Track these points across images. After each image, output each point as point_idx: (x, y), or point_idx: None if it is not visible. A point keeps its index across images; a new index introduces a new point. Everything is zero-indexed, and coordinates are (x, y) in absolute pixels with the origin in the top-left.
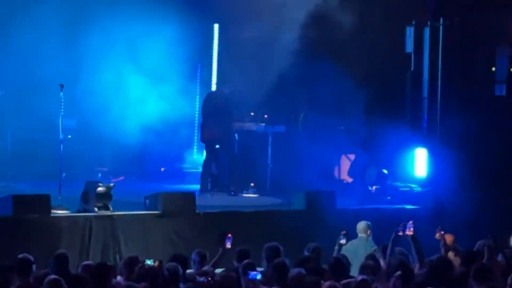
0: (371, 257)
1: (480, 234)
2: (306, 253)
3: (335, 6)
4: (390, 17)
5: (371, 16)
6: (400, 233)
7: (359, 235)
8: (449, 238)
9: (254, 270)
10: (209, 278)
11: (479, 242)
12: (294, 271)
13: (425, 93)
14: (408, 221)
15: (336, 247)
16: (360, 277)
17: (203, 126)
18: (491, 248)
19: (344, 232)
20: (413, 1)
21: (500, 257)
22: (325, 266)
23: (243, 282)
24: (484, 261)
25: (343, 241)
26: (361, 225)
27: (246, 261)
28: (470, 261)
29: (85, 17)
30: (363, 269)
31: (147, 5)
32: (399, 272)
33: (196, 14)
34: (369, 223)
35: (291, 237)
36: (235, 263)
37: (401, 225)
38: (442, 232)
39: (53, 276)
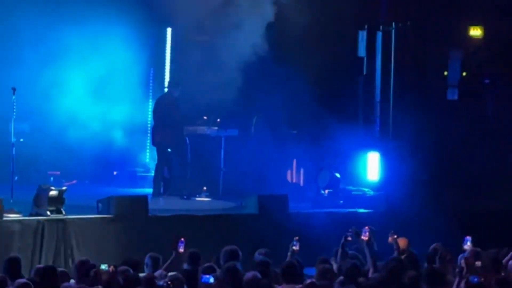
0: (325, 260)
1: (433, 237)
2: (259, 257)
3: (288, 10)
4: (343, 21)
5: (324, 20)
6: (349, 238)
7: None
8: (402, 241)
9: (209, 274)
10: (169, 282)
11: (432, 246)
12: (248, 274)
13: (378, 97)
14: (359, 226)
15: (289, 253)
16: (308, 281)
17: (154, 130)
18: (443, 252)
19: (297, 238)
20: (366, 5)
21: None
22: (277, 270)
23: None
24: (436, 265)
25: (296, 247)
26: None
27: (206, 264)
28: (420, 264)
29: (36, 20)
30: (318, 273)
31: (100, 7)
32: (352, 275)
33: (149, 18)
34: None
35: (244, 240)
36: (185, 266)
37: (350, 229)
38: (395, 236)
39: (23, 280)
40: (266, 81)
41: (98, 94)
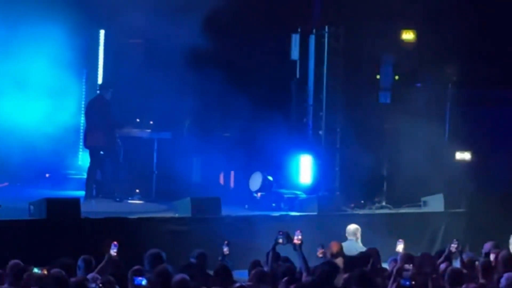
0: (257, 263)
1: (367, 239)
2: (192, 259)
3: (223, 13)
4: (276, 24)
5: (257, 23)
6: (281, 241)
7: (348, 238)
8: (335, 245)
9: (140, 275)
10: (100, 285)
11: (365, 249)
12: (177, 276)
13: (311, 100)
14: (291, 229)
15: (220, 256)
16: (237, 285)
17: (86, 132)
18: (375, 255)
19: (226, 241)
20: (299, 9)
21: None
22: (211, 272)
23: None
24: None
25: (226, 250)
26: (351, 228)
27: (135, 267)
28: (352, 267)
29: None
30: (254, 275)
31: (31, 8)
32: (286, 278)
33: (82, 20)
34: (358, 226)
35: (177, 243)
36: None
37: (282, 233)
38: (322, 251)
39: None
40: (199, 84)
41: (29, 96)
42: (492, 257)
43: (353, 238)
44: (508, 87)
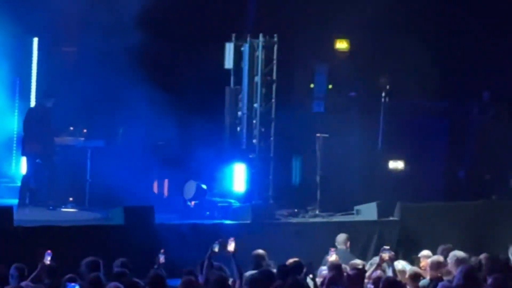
0: (191, 272)
1: (298, 248)
2: (115, 269)
3: (157, 21)
4: (211, 32)
5: (192, 31)
6: (216, 249)
7: (339, 247)
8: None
9: (74, 282)
10: None
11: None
12: (110, 285)
13: (244, 109)
14: (225, 238)
15: (156, 265)
16: None
17: (24, 141)
18: (308, 263)
19: (162, 250)
20: (233, 17)
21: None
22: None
23: None
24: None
25: (162, 259)
26: (341, 237)
27: (68, 275)
28: (286, 276)
29: None
30: (182, 284)
31: None
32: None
33: (14, 28)
34: (347, 235)
35: (110, 252)
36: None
37: (217, 241)
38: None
39: None
40: (133, 92)
41: None
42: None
43: (343, 246)
44: (441, 97)
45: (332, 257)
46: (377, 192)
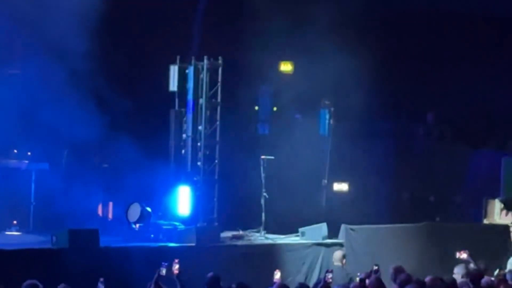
0: None
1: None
2: None
3: (102, 44)
4: (155, 55)
5: (136, 54)
6: (163, 273)
7: (335, 264)
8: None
9: None
10: None
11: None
12: None
13: (189, 132)
14: (171, 260)
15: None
16: None
17: None
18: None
19: (102, 279)
20: (178, 39)
21: None
22: None
23: None
24: None
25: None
26: (337, 254)
27: None
28: None
29: None
30: None
31: None
32: None
33: None
34: (344, 253)
35: (54, 276)
36: None
37: (164, 264)
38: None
39: None
40: (77, 115)
41: None
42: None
43: (340, 264)
44: (385, 119)
45: (277, 275)
46: (321, 214)
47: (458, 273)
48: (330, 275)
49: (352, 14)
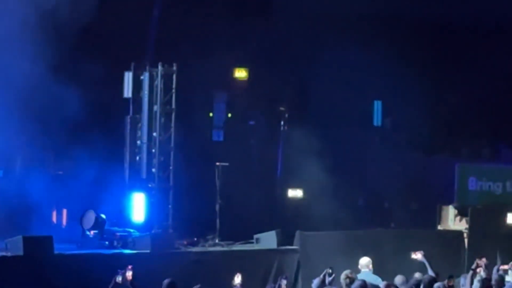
0: None
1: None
2: None
3: (57, 49)
4: (109, 61)
5: (90, 60)
6: (119, 280)
7: (362, 270)
8: None
9: None
10: None
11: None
12: None
13: (144, 138)
14: (124, 267)
15: None
16: None
17: None
18: None
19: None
20: (132, 46)
21: None
22: None
23: None
24: None
25: None
26: (364, 260)
27: None
28: None
29: None
30: None
31: None
32: None
33: None
34: (370, 259)
35: (9, 283)
36: None
37: (120, 272)
38: None
39: None
40: (31, 121)
41: None
42: None
43: (367, 269)
44: (341, 125)
45: (237, 279)
46: (276, 221)
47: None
48: (284, 282)
49: (310, 19)
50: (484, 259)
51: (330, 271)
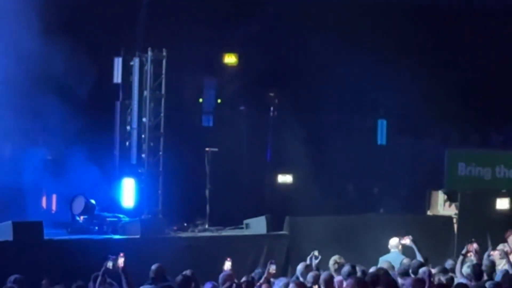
0: (81, 287)
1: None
2: (9, 284)
3: (45, 33)
4: (99, 46)
5: (80, 46)
6: (109, 265)
7: (392, 250)
8: None
9: None
10: None
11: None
12: None
13: (134, 123)
14: (115, 253)
15: None
16: None
17: None
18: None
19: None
20: (121, 31)
21: None
22: None
23: None
24: None
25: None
26: (394, 241)
27: None
28: None
29: None
30: None
31: None
32: None
33: None
34: (398, 239)
35: None
36: None
37: (111, 257)
38: None
39: None
40: (21, 105)
41: None
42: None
43: (396, 250)
44: (330, 111)
45: (227, 264)
46: (266, 206)
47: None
48: (273, 267)
49: (300, 4)
50: (475, 245)
51: (316, 253)
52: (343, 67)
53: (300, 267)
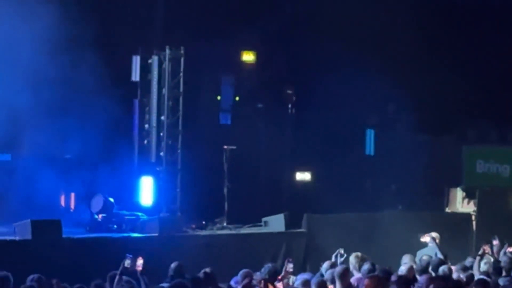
0: (100, 285)
1: (209, 261)
2: (28, 283)
3: (62, 33)
4: (117, 45)
5: (98, 44)
6: (128, 265)
7: (430, 244)
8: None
9: None
10: None
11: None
12: None
13: (153, 122)
14: (133, 251)
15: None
16: None
17: None
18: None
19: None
20: (139, 29)
21: None
22: None
23: None
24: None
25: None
26: (432, 234)
27: None
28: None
29: None
30: None
31: None
32: None
33: None
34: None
35: (18, 267)
36: None
37: (129, 256)
38: None
39: None
40: (38, 105)
41: None
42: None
43: (433, 243)
44: (349, 108)
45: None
46: (284, 204)
47: (405, 263)
48: (290, 265)
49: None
50: (495, 241)
51: (342, 251)
52: (360, 64)
53: (325, 265)
